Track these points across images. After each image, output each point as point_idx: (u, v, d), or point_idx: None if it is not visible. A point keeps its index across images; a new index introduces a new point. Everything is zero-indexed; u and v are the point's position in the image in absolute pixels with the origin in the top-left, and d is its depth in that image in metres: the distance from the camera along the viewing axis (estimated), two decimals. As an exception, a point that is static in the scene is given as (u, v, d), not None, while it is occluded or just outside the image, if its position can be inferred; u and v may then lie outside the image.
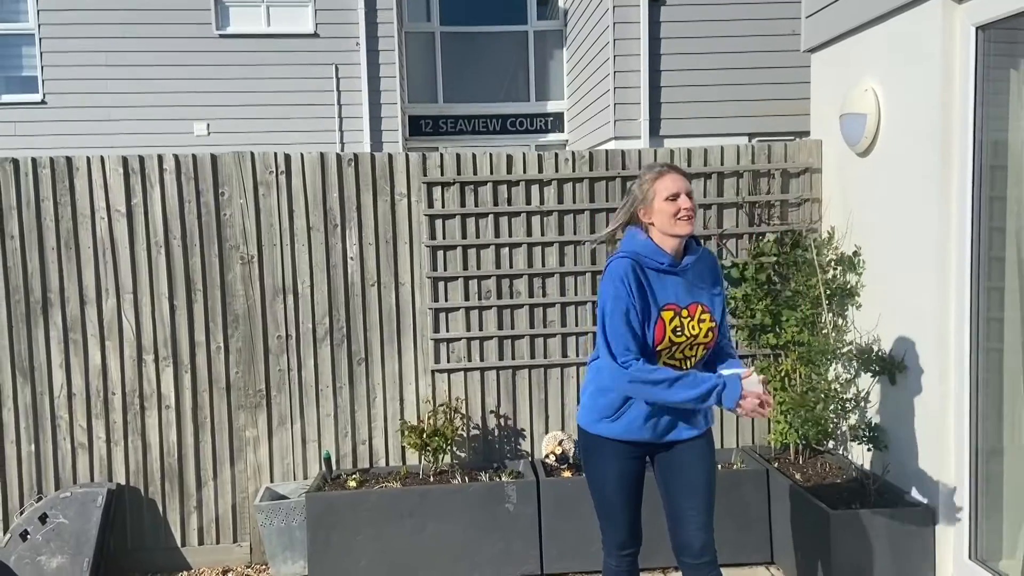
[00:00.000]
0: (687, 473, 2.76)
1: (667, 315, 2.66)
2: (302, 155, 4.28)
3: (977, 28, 3.26)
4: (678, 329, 2.67)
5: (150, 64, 10.58)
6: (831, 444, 4.30)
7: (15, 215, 4.14)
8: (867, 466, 3.90)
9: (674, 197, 2.65)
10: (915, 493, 3.61)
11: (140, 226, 4.21)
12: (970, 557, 3.37)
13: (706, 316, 2.72)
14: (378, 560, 3.95)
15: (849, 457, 4.16)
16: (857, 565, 3.44)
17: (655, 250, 2.69)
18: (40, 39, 10.63)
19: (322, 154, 4.30)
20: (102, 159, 4.19)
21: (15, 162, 4.14)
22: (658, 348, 2.66)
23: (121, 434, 4.25)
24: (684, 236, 2.68)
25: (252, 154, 4.26)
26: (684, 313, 2.69)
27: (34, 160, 4.15)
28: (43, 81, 10.66)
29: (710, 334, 2.72)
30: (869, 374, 3.84)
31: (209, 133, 10.78)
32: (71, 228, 4.17)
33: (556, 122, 12.10)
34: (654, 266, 2.68)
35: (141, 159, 4.21)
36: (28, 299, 4.17)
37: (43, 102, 10.65)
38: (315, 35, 10.94)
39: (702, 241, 2.92)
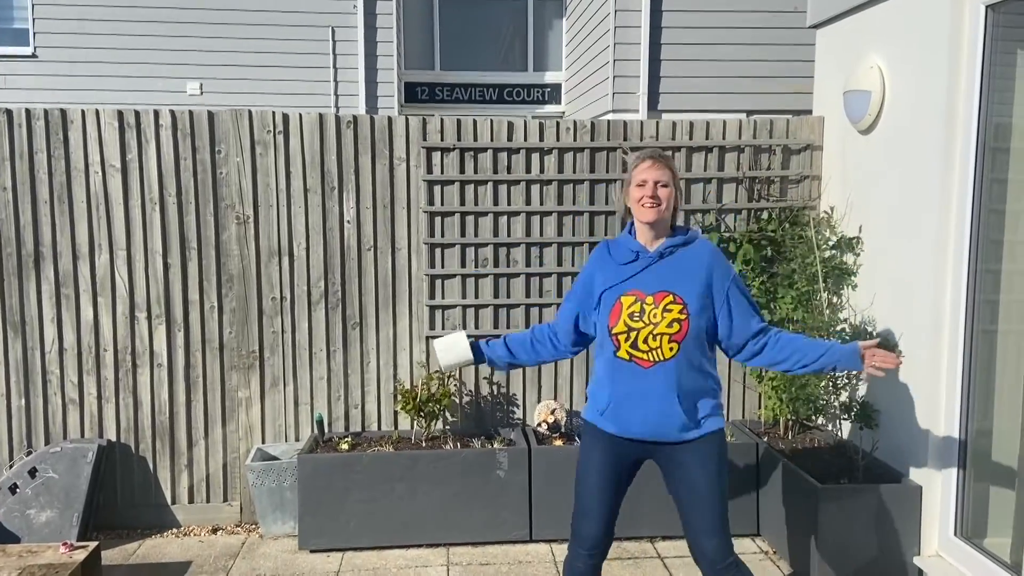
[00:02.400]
0: (688, 485, 2.71)
1: (627, 300, 2.69)
2: (300, 115, 4.23)
3: (987, 7, 3.23)
4: (636, 315, 2.66)
5: (143, 20, 10.40)
6: (821, 420, 4.33)
7: (8, 167, 4.08)
8: (856, 442, 3.93)
9: (642, 184, 2.70)
10: (903, 470, 3.65)
11: (135, 182, 4.16)
12: (955, 534, 3.42)
13: (674, 308, 2.65)
14: (368, 522, 3.97)
15: (838, 433, 4.20)
16: (843, 539, 3.48)
17: (627, 241, 2.78)
18: (32, -10, 10.43)
19: (321, 115, 4.25)
20: (97, 113, 4.13)
21: (8, 113, 4.07)
22: (614, 331, 2.68)
23: (112, 391, 4.24)
24: (646, 223, 2.71)
25: (250, 112, 4.21)
26: (649, 300, 2.67)
27: (28, 111, 4.09)
28: (34, 34, 10.48)
29: (675, 325, 2.63)
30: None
31: (202, 92, 10.64)
32: (64, 182, 4.12)
33: (553, 93, 12.01)
34: (621, 258, 2.77)
35: (137, 114, 4.15)
36: (20, 252, 4.13)
37: (34, 55, 10.48)
38: (313, -5, 10.77)
39: (700, 232, 2.86)
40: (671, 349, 2.65)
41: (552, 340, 2.93)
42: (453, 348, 2.88)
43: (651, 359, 2.66)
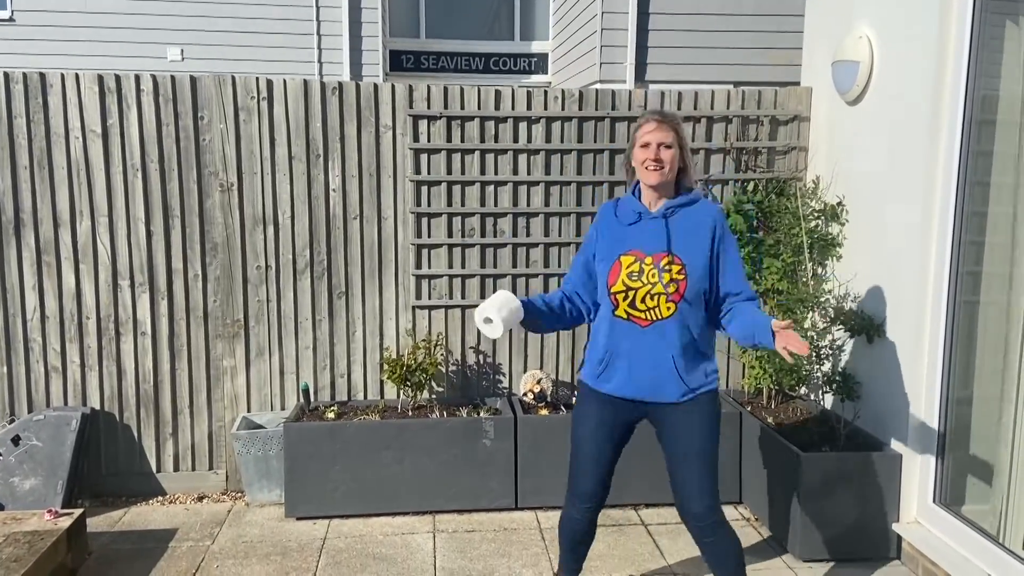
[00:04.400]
0: (680, 441, 2.75)
1: (626, 259, 2.73)
2: (284, 81, 4.18)
3: (977, -22, 3.22)
4: (634, 274, 2.70)
5: (122, -17, 10.21)
6: (803, 390, 4.38)
7: (-14, 131, 4.01)
8: (838, 411, 3.98)
9: (645, 145, 2.71)
10: (884, 438, 3.70)
11: (116, 148, 4.10)
12: (934, 501, 3.48)
13: (672, 268, 2.67)
14: (354, 491, 3.99)
15: (821, 403, 4.24)
16: (825, 506, 3.54)
17: (630, 202, 2.81)
18: (7, -48, 10.18)
19: (305, 81, 4.19)
20: (77, 77, 4.05)
21: (-15, 76, 3.99)
22: (613, 291, 2.72)
23: (96, 359, 4.21)
24: (650, 185, 2.74)
25: (233, 78, 4.14)
26: (648, 260, 2.70)
27: (6, 75, 4.00)
28: (10, -3, 10.26)
29: (673, 285, 2.65)
30: (847, 332, 3.88)
31: (183, 58, 10.48)
32: (44, 147, 4.05)
33: (540, 63, 11.92)
34: (625, 218, 2.79)
35: (117, 78, 4.07)
36: (0, 219, 4.07)
37: (11, 19, 10.26)
38: (295, -40, 10.59)
39: (706, 194, 2.86)
40: (668, 309, 2.68)
41: (579, 296, 2.87)
42: (508, 304, 2.67)
43: (648, 318, 2.70)
